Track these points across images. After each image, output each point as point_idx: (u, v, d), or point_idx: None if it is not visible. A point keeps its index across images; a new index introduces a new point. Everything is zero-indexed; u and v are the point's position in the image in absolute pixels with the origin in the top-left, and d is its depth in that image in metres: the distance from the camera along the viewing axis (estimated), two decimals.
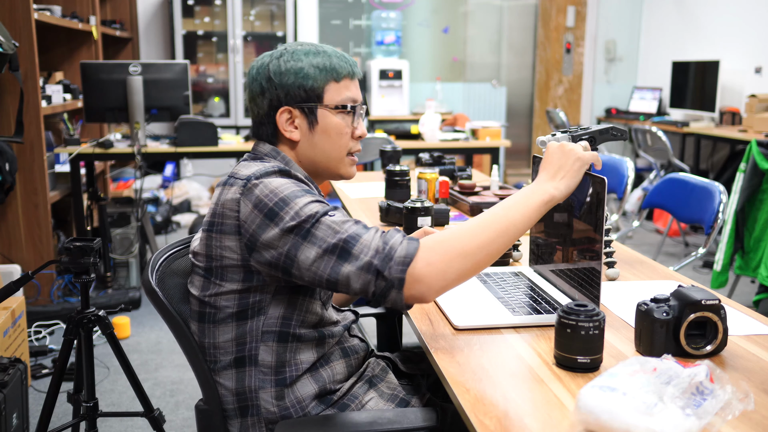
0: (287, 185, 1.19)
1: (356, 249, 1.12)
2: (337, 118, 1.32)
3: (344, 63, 1.33)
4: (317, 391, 1.29)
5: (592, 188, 1.30)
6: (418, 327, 1.32)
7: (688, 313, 1.14)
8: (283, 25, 5.96)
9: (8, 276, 3.02)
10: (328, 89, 1.31)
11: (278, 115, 1.30)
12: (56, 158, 3.85)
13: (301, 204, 1.16)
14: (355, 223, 1.16)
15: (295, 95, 1.30)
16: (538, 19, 7.11)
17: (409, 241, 1.12)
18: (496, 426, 0.95)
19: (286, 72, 1.29)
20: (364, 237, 1.13)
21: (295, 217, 1.15)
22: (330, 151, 1.33)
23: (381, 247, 1.12)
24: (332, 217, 1.16)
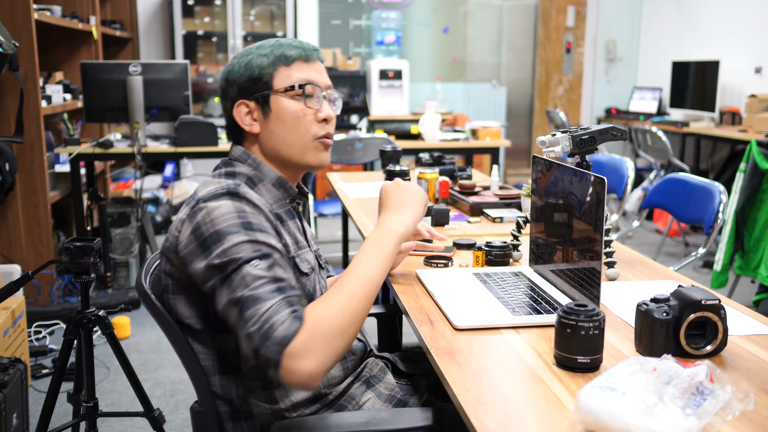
0: (227, 216, 1.13)
1: (248, 314, 1.06)
2: (291, 102, 1.28)
3: (296, 47, 1.30)
4: (311, 394, 1.29)
5: (592, 188, 1.30)
6: (418, 327, 1.32)
7: (688, 313, 1.14)
8: (283, 25, 5.96)
9: (8, 276, 3.02)
10: (278, 75, 1.28)
11: (234, 110, 1.30)
12: (56, 158, 3.85)
13: (231, 243, 1.11)
14: (271, 281, 1.09)
15: (246, 88, 1.29)
16: (538, 19, 7.11)
17: (292, 322, 1.04)
18: (496, 426, 0.95)
19: (237, 68, 1.30)
20: (262, 304, 1.06)
21: (221, 255, 1.11)
22: (289, 138, 1.29)
23: (265, 321, 1.04)
24: (253, 268, 1.09)
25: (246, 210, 1.16)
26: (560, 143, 1.66)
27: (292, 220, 1.33)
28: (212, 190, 1.18)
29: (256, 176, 1.30)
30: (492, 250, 1.70)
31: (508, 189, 2.49)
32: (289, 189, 1.33)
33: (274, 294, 1.08)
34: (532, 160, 1.59)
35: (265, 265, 1.11)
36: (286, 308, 1.06)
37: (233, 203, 1.16)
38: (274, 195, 1.31)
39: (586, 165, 1.65)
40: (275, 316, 1.05)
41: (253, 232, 1.13)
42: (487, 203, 2.27)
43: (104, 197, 3.98)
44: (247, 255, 1.11)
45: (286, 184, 1.32)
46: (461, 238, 1.93)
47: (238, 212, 1.15)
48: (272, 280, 1.09)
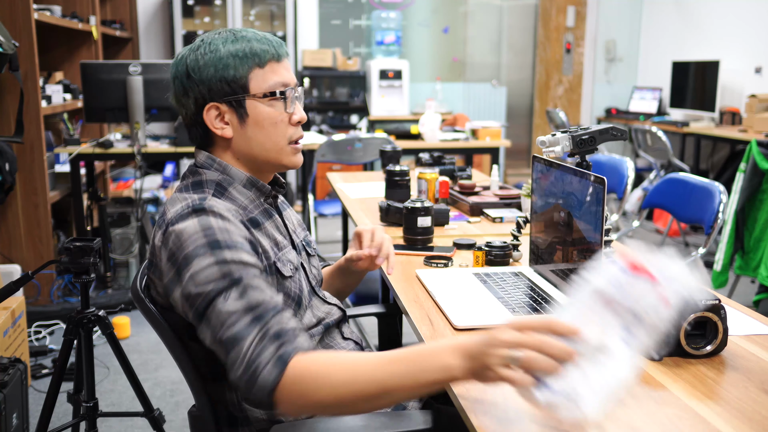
0: (193, 238, 1.09)
1: (231, 357, 1.04)
2: (268, 107, 1.23)
3: (266, 45, 1.22)
4: None
5: (592, 188, 1.30)
6: (418, 327, 1.32)
7: (688, 313, 1.14)
8: (283, 25, 5.96)
9: (8, 276, 3.02)
10: (253, 77, 1.21)
11: (205, 113, 1.22)
12: (56, 158, 3.85)
13: (198, 267, 1.08)
14: (246, 312, 1.05)
15: (218, 89, 1.21)
16: (538, 19, 7.11)
17: (275, 365, 1.01)
18: (496, 426, 0.95)
19: (204, 65, 1.20)
20: (241, 344, 1.03)
21: (190, 284, 1.08)
22: (266, 143, 1.24)
23: (248, 366, 1.01)
24: (224, 302, 1.06)
25: (213, 226, 1.11)
26: (560, 143, 1.66)
27: (269, 220, 1.28)
28: (179, 210, 1.14)
29: (225, 180, 1.24)
30: (492, 250, 1.70)
31: (508, 189, 2.49)
32: (262, 187, 1.28)
33: (251, 327, 1.04)
34: (532, 160, 1.59)
35: (236, 294, 1.06)
36: (270, 345, 1.02)
37: (199, 222, 1.11)
38: (247, 196, 1.26)
39: (586, 165, 1.65)
40: (258, 358, 1.02)
41: (220, 251, 1.09)
42: (487, 203, 2.27)
43: (104, 197, 3.98)
44: (215, 287, 1.07)
45: (258, 183, 1.28)
46: (461, 238, 1.93)
47: (204, 230, 1.10)
48: (246, 311, 1.05)
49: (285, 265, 1.24)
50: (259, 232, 1.22)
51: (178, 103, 1.25)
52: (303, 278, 1.31)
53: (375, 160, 4.04)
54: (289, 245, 1.30)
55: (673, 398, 1.03)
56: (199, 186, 1.22)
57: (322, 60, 6.15)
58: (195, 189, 1.21)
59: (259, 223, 1.23)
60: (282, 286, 1.22)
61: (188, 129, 1.27)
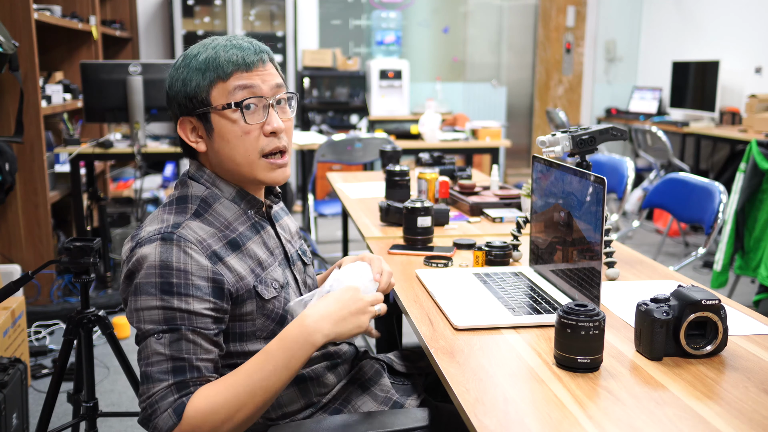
0: (149, 273, 1.10)
1: (142, 389, 1.09)
2: (230, 120, 1.18)
3: (233, 55, 1.18)
4: (303, 404, 1.28)
5: (592, 188, 1.30)
6: (418, 327, 1.32)
7: (688, 313, 1.14)
8: (283, 25, 5.96)
9: (8, 276, 3.02)
10: (215, 90, 1.18)
11: (179, 127, 1.22)
12: (56, 158, 3.85)
13: (143, 305, 1.10)
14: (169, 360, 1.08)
15: (184, 105, 1.20)
16: (538, 19, 7.11)
17: (170, 415, 1.05)
18: (496, 426, 0.95)
19: (174, 82, 1.21)
20: (152, 385, 1.07)
21: (132, 314, 1.12)
22: (236, 157, 1.20)
23: (149, 405, 1.07)
24: (155, 342, 1.09)
25: (172, 265, 1.10)
26: (560, 143, 1.66)
27: (256, 235, 1.24)
28: (151, 232, 1.14)
29: (211, 195, 1.22)
30: (492, 250, 1.70)
31: (508, 189, 2.49)
32: (252, 200, 1.25)
33: (165, 377, 1.07)
34: (532, 160, 1.59)
35: (169, 340, 1.08)
36: (172, 395, 1.06)
37: (161, 254, 1.10)
38: (233, 211, 1.23)
39: (586, 165, 1.65)
40: (160, 402, 1.06)
41: (169, 297, 1.09)
42: (487, 203, 2.27)
43: (104, 197, 3.98)
44: (152, 327, 1.09)
45: (248, 196, 1.25)
46: (461, 238, 1.93)
47: (162, 268, 1.10)
48: (170, 359, 1.08)
49: (268, 286, 1.21)
50: (239, 254, 1.19)
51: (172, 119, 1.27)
52: (292, 292, 1.28)
53: (375, 160, 4.04)
54: (277, 261, 1.27)
55: (673, 398, 1.03)
56: (183, 202, 1.21)
57: (322, 60, 6.15)
58: (178, 205, 1.20)
59: (240, 245, 1.20)
60: (263, 308, 1.20)
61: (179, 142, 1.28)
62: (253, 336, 1.20)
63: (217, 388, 1.09)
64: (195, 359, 1.09)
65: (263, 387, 1.09)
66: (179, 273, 1.10)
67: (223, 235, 1.19)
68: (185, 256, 1.11)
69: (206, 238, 1.15)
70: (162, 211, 1.20)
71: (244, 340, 1.19)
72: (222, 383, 1.09)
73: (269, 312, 1.21)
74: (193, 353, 1.09)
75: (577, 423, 0.96)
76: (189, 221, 1.16)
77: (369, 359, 1.44)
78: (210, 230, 1.17)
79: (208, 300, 1.12)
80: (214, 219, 1.20)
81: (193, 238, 1.13)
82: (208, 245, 1.15)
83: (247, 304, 1.18)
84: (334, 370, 1.34)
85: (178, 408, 1.06)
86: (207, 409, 1.06)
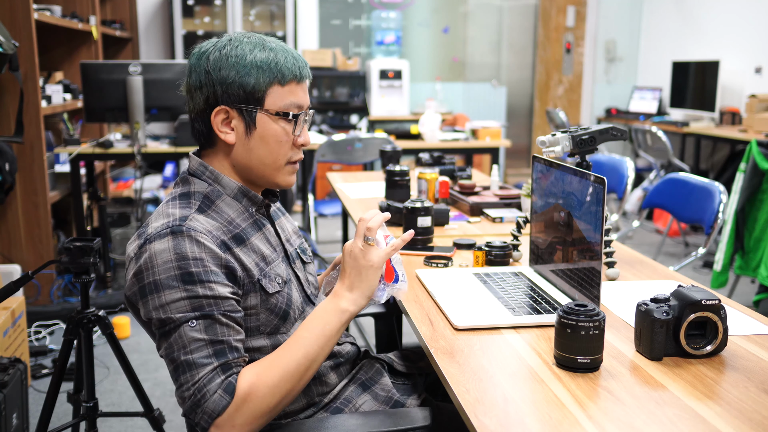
0: (167, 267, 1.10)
1: (183, 378, 1.08)
2: (277, 126, 1.21)
3: (292, 64, 1.21)
4: (305, 404, 1.28)
5: (592, 188, 1.30)
6: (418, 327, 1.32)
7: (688, 313, 1.14)
8: (283, 25, 5.96)
9: (8, 276, 3.02)
10: (271, 92, 1.19)
11: (213, 114, 1.19)
12: (56, 158, 3.85)
13: (168, 299, 1.09)
14: (208, 344, 1.08)
15: (233, 94, 1.18)
16: (538, 19, 7.11)
17: (222, 395, 1.06)
18: (496, 426, 0.95)
19: (227, 67, 1.18)
20: (196, 371, 1.07)
21: (158, 310, 1.10)
22: (267, 159, 1.23)
23: (198, 390, 1.07)
24: (190, 329, 1.08)
25: (188, 255, 1.11)
26: (560, 143, 1.66)
27: (258, 232, 1.25)
28: (158, 227, 1.13)
29: (214, 192, 1.22)
30: (492, 250, 1.70)
31: (508, 189, 2.49)
32: (254, 197, 1.26)
33: (209, 360, 1.08)
34: (532, 160, 1.59)
35: (203, 325, 1.09)
36: (219, 376, 1.07)
37: (175, 247, 1.11)
38: (235, 208, 1.23)
39: (586, 165, 1.65)
40: (208, 385, 1.07)
41: (192, 286, 1.09)
42: (487, 203, 2.27)
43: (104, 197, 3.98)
44: (183, 315, 1.09)
45: (250, 193, 1.26)
46: (461, 238, 1.93)
47: (179, 260, 1.10)
48: (209, 344, 1.09)
49: (272, 281, 1.22)
50: (244, 248, 1.20)
51: (188, 94, 1.23)
52: (295, 289, 1.29)
53: (375, 160, 4.04)
54: (280, 257, 1.27)
55: (673, 398, 1.03)
56: (186, 197, 1.21)
57: (322, 60, 6.15)
58: (182, 200, 1.20)
59: (245, 239, 1.21)
60: (267, 302, 1.20)
61: (192, 124, 1.25)
62: (257, 331, 1.21)
63: (261, 364, 1.12)
64: (233, 340, 1.11)
65: (304, 354, 1.14)
66: (196, 262, 1.11)
67: (228, 229, 1.19)
68: (198, 246, 1.12)
69: (213, 230, 1.16)
70: (166, 206, 1.20)
71: (248, 335, 1.19)
72: (266, 359, 1.13)
73: (273, 306, 1.21)
74: (229, 335, 1.11)
75: (577, 423, 0.96)
76: (195, 214, 1.17)
77: (370, 359, 1.44)
78: (215, 224, 1.18)
79: (227, 285, 1.13)
80: (217, 215, 1.20)
81: (202, 229, 1.14)
82: (216, 236, 1.16)
83: (251, 297, 1.18)
84: (337, 369, 1.35)
85: (228, 387, 1.07)
86: (256, 384, 1.08)
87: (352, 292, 1.20)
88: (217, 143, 1.24)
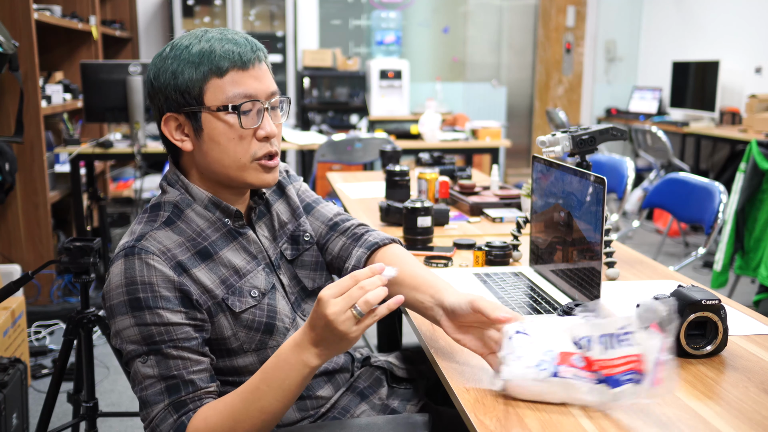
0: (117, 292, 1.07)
1: (142, 415, 1.08)
2: (223, 122, 1.12)
3: (229, 51, 1.10)
4: (299, 417, 1.25)
5: (592, 188, 1.30)
6: (418, 327, 1.32)
7: (688, 313, 1.14)
8: (283, 25, 5.96)
9: (8, 276, 3.02)
10: (209, 88, 1.11)
11: (163, 124, 1.14)
12: (56, 158, 3.85)
13: (120, 326, 1.08)
14: (160, 380, 1.06)
15: (174, 99, 1.12)
16: (538, 19, 7.11)
17: None
18: (496, 426, 0.95)
19: (163, 72, 1.12)
20: (150, 409, 1.07)
21: (114, 337, 1.09)
22: (224, 159, 1.14)
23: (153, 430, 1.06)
24: (142, 365, 1.07)
25: (136, 280, 1.07)
26: (560, 143, 1.66)
27: (232, 242, 1.19)
28: (119, 247, 1.11)
29: (184, 201, 1.17)
30: (492, 250, 1.70)
31: (508, 189, 2.49)
32: (226, 209, 1.18)
33: (161, 398, 1.06)
34: (532, 160, 1.59)
35: (154, 360, 1.07)
36: (171, 416, 1.06)
37: (125, 271, 1.07)
38: (206, 218, 1.17)
39: (586, 165, 1.65)
40: (160, 425, 1.06)
41: (140, 313, 1.06)
42: (487, 203, 2.27)
43: (104, 197, 3.98)
44: (134, 348, 1.07)
45: (222, 204, 1.18)
46: (461, 238, 1.93)
47: (128, 285, 1.07)
48: (161, 379, 1.07)
49: (243, 297, 1.16)
50: (209, 264, 1.14)
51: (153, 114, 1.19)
52: (280, 297, 1.23)
53: (375, 160, 4.04)
54: (261, 266, 1.22)
55: (673, 398, 1.03)
56: (157, 209, 1.17)
57: (322, 60, 6.15)
58: (151, 213, 1.17)
59: (212, 254, 1.15)
60: (239, 320, 1.15)
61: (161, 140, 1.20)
62: (241, 350, 1.17)
63: (216, 408, 1.06)
64: (186, 373, 1.07)
65: (260, 408, 1.05)
66: (144, 287, 1.07)
67: (193, 244, 1.14)
68: (148, 269, 1.08)
69: (171, 248, 1.11)
70: (135, 221, 1.17)
71: (231, 355, 1.17)
72: (221, 403, 1.07)
73: (248, 323, 1.16)
74: (183, 368, 1.07)
75: (577, 423, 0.96)
76: (156, 231, 1.12)
77: (369, 367, 1.40)
78: (178, 239, 1.13)
79: (179, 310, 1.08)
80: (186, 226, 1.16)
81: (155, 249, 1.09)
82: (172, 255, 1.11)
83: (220, 317, 1.14)
84: (332, 381, 1.31)
85: (179, 429, 1.05)
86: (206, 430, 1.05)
87: (320, 348, 1.03)
88: (182, 153, 1.19)
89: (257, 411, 1.05)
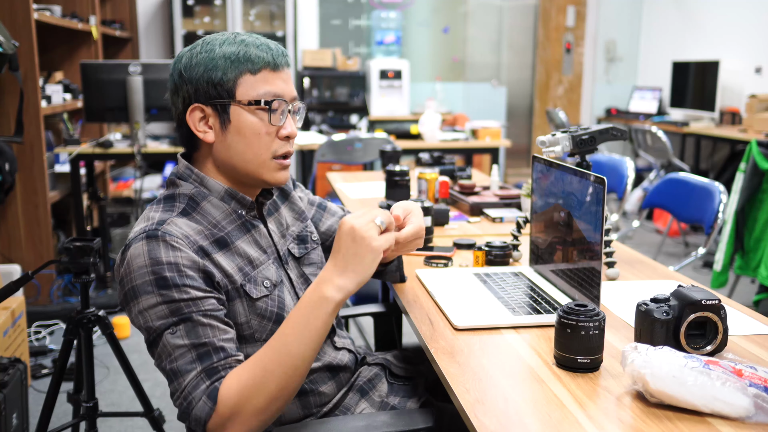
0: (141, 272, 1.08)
1: (173, 387, 1.08)
2: (253, 117, 1.17)
3: (264, 52, 1.17)
4: (302, 412, 1.27)
5: (592, 188, 1.30)
6: (418, 327, 1.32)
7: (688, 313, 1.14)
8: (283, 25, 5.96)
9: (8, 276, 3.02)
10: (242, 83, 1.16)
11: (188, 114, 1.18)
12: (56, 158, 3.85)
13: (145, 305, 1.08)
14: (191, 349, 1.07)
15: (204, 91, 1.17)
16: (538, 19, 7.11)
17: (206, 402, 1.04)
18: (496, 426, 0.95)
19: (196, 65, 1.17)
20: (182, 378, 1.07)
21: (138, 317, 1.10)
22: (247, 154, 1.18)
23: (185, 398, 1.06)
24: (171, 336, 1.07)
25: (162, 260, 1.08)
26: (560, 143, 1.66)
27: (246, 234, 1.22)
28: (137, 232, 1.12)
29: (199, 193, 1.20)
30: (492, 250, 1.70)
31: (508, 189, 2.49)
32: (242, 199, 1.23)
33: (193, 366, 1.07)
34: (532, 160, 1.59)
35: (184, 330, 1.07)
36: (204, 382, 1.06)
37: (149, 252, 1.09)
38: (222, 210, 1.21)
39: (586, 165, 1.65)
40: (193, 392, 1.06)
41: (167, 291, 1.08)
42: (487, 203, 2.27)
43: (104, 197, 3.98)
44: (163, 323, 1.08)
45: (237, 195, 1.22)
46: (461, 238, 1.93)
47: (153, 265, 1.08)
48: (192, 348, 1.07)
49: (258, 285, 1.19)
50: (227, 252, 1.17)
51: (171, 101, 1.23)
52: (287, 291, 1.26)
53: (375, 160, 4.03)
54: (271, 259, 1.25)
55: None
56: (171, 200, 1.19)
57: (322, 60, 6.15)
58: (166, 204, 1.19)
59: (228, 243, 1.19)
60: (254, 307, 1.18)
61: (177, 129, 1.24)
62: (252, 339, 1.19)
63: (245, 365, 1.08)
64: (217, 341, 1.08)
65: (288, 353, 1.07)
66: (170, 266, 1.09)
67: (211, 233, 1.17)
68: (173, 250, 1.10)
69: (192, 235, 1.14)
70: (149, 209, 1.19)
71: (242, 343, 1.18)
72: (250, 360, 1.08)
73: (262, 311, 1.19)
74: (213, 335, 1.08)
75: (577, 423, 0.96)
76: (175, 218, 1.15)
77: (368, 365, 1.42)
78: (197, 227, 1.16)
79: (205, 289, 1.11)
80: (201, 218, 1.18)
81: (178, 233, 1.12)
82: (194, 241, 1.13)
83: (237, 304, 1.16)
84: (335, 379, 1.32)
85: (211, 393, 1.05)
86: (239, 387, 1.05)
87: (343, 276, 1.09)
88: (200, 146, 1.22)
89: (286, 356, 1.07)
